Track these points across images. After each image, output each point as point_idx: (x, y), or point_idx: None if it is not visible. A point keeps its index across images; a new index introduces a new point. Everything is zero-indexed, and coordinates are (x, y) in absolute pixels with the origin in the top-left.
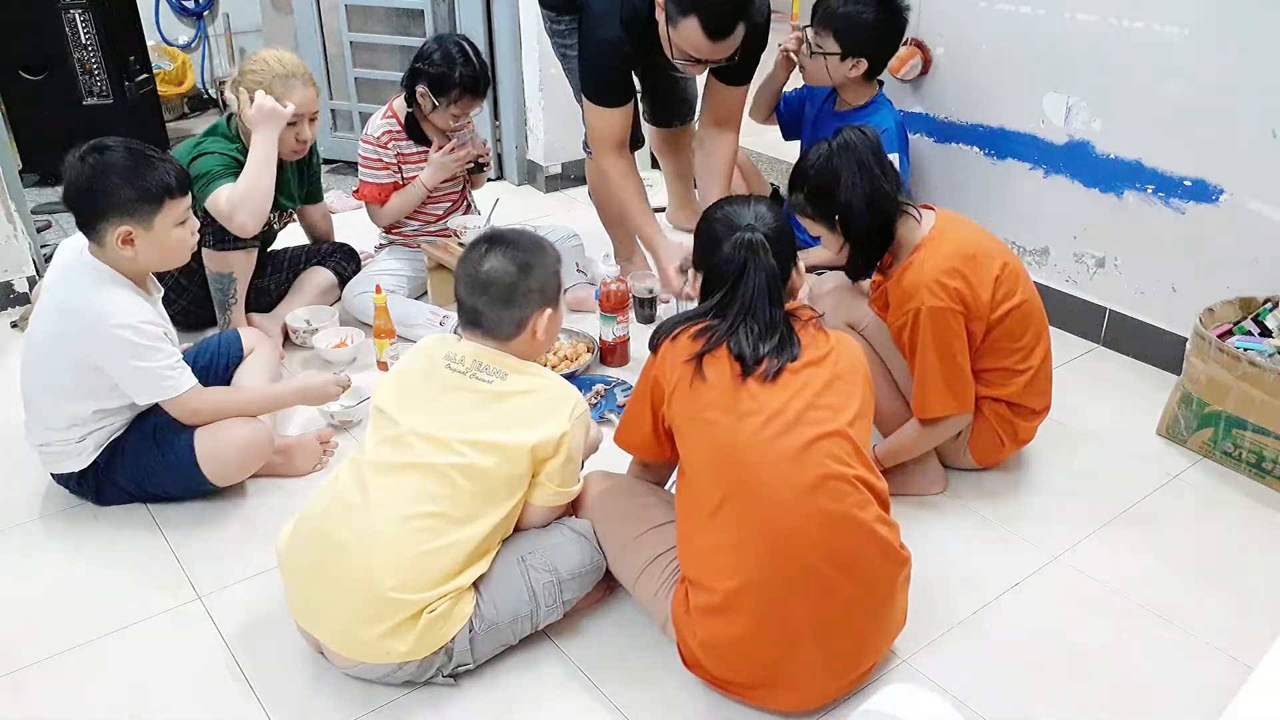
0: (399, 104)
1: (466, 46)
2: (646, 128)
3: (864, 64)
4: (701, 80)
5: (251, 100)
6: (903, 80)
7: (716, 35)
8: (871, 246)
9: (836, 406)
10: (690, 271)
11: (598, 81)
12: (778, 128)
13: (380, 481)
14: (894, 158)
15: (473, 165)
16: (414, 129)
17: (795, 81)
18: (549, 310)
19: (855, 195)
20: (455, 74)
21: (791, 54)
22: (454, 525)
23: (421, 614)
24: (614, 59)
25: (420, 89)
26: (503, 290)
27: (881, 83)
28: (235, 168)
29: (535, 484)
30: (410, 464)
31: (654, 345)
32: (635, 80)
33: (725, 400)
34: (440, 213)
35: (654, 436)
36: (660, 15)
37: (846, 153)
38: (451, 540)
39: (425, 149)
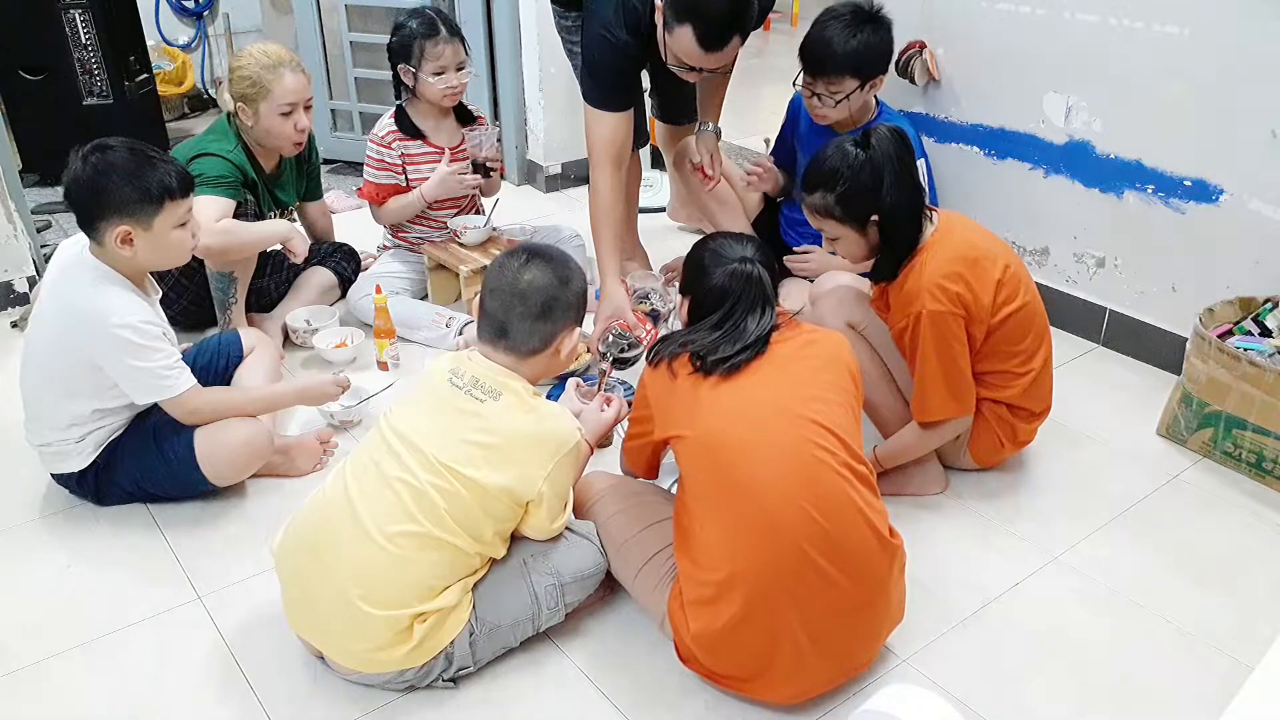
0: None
1: (423, 10)
2: (654, 124)
3: (882, 79)
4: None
5: (233, 99)
6: (912, 82)
7: (710, 46)
8: (904, 247)
9: (815, 396)
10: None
11: (598, 84)
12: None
13: (366, 497)
14: (919, 162)
15: (482, 171)
16: (405, 123)
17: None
18: (577, 329)
19: (899, 195)
20: (410, 29)
21: (755, 175)
22: (435, 546)
23: (413, 625)
24: (619, 61)
25: (400, 67)
26: (540, 303)
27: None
28: (230, 177)
29: (525, 517)
30: (397, 479)
31: (650, 363)
32: (645, 80)
33: (697, 400)
34: (446, 220)
35: (650, 451)
36: (659, 18)
37: (886, 152)
38: (432, 560)
39: (431, 150)
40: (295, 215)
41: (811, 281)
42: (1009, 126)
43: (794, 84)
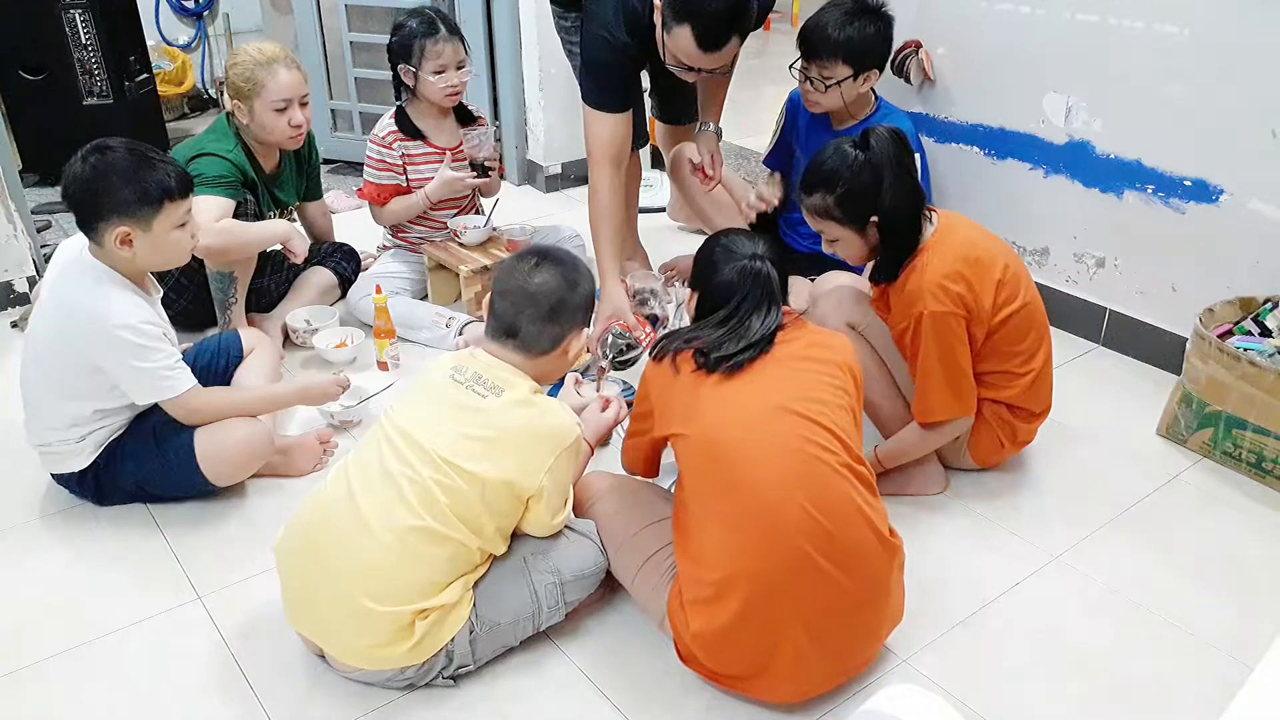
0: None
1: (423, 10)
2: (654, 124)
3: (876, 74)
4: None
5: (230, 97)
6: (908, 81)
7: (709, 46)
8: (905, 248)
9: (816, 397)
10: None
11: (597, 85)
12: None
13: (369, 493)
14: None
15: (480, 171)
16: (406, 123)
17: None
18: (584, 331)
19: (899, 196)
20: (410, 29)
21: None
22: (437, 541)
23: (414, 622)
24: (618, 62)
25: (400, 67)
26: (550, 305)
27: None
28: (229, 177)
29: (525, 513)
30: (400, 474)
31: (653, 358)
32: (645, 80)
33: (698, 397)
34: (446, 220)
35: (649, 448)
36: (658, 19)
37: (885, 153)
38: (434, 555)
39: (432, 150)
40: (295, 215)
41: (813, 280)
42: (1009, 126)
43: (790, 68)
